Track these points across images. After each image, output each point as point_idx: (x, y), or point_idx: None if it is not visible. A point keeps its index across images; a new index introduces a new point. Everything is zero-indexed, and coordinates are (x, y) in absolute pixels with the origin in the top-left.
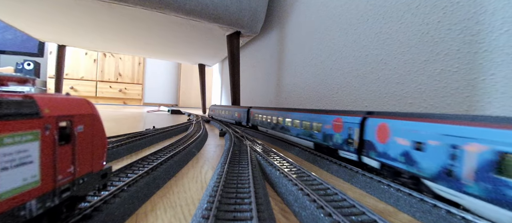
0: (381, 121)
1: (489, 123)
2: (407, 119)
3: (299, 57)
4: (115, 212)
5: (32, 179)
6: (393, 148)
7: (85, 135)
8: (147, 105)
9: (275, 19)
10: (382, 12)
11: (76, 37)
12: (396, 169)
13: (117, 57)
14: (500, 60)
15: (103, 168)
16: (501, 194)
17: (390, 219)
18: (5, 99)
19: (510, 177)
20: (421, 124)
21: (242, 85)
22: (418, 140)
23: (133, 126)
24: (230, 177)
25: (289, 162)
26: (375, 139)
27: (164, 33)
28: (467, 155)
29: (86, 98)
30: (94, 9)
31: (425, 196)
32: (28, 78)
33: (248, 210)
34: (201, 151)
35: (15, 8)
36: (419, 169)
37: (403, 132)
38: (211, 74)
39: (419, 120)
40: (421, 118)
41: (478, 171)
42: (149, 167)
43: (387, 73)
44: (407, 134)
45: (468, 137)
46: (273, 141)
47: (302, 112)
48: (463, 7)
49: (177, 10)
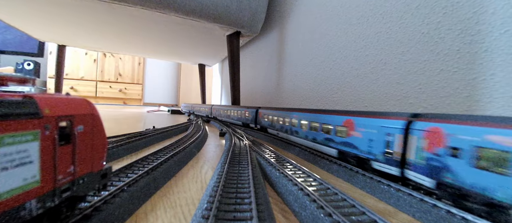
0: (434, 125)
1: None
2: (471, 123)
3: (299, 57)
4: (115, 212)
5: (32, 179)
6: (458, 161)
7: (85, 135)
8: (147, 105)
9: (275, 19)
10: (382, 12)
11: (76, 37)
12: (463, 191)
13: (117, 57)
14: (500, 60)
15: (103, 168)
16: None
17: (390, 219)
18: (5, 99)
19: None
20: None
21: (242, 85)
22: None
23: (133, 126)
24: (230, 177)
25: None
26: (427, 149)
27: (164, 33)
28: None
29: (86, 98)
30: (94, 9)
31: (424, 196)
32: (28, 78)
33: (248, 210)
34: (201, 151)
35: (15, 8)
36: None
37: (472, 141)
38: (211, 74)
39: (484, 125)
40: (486, 123)
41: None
42: (149, 167)
43: (387, 73)
44: (480, 143)
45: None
46: (286, 146)
47: (322, 113)
48: (463, 7)
49: (177, 10)
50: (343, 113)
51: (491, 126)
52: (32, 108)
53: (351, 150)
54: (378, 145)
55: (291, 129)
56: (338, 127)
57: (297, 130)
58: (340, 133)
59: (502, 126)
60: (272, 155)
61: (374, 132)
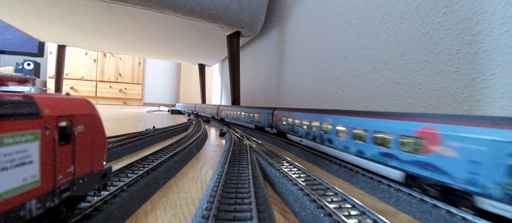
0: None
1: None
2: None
3: (299, 57)
4: (115, 212)
5: (32, 179)
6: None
7: (85, 135)
8: (147, 105)
9: (275, 19)
10: (382, 12)
11: (76, 37)
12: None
13: (117, 57)
14: (500, 60)
15: (103, 168)
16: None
17: (390, 219)
18: (5, 99)
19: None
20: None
21: (242, 85)
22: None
23: (133, 126)
24: (230, 177)
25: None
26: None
27: (164, 33)
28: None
29: (86, 98)
30: (94, 9)
31: (424, 196)
32: (28, 78)
33: (248, 210)
34: (201, 151)
35: (15, 8)
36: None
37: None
38: (211, 74)
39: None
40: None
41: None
42: (149, 167)
43: (387, 73)
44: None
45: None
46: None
47: (371, 117)
48: (463, 7)
49: (177, 10)
50: (415, 118)
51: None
52: (32, 108)
53: (433, 174)
54: (490, 171)
55: (321, 137)
56: (406, 138)
57: (331, 137)
58: (411, 146)
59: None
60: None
61: (483, 149)
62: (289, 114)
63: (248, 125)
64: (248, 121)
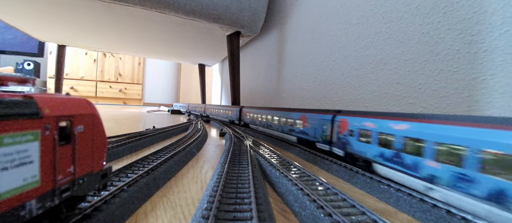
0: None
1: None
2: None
3: (299, 57)
4: (115, 212)
5: (32, 179)
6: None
7: (85, 135)
8: (147, 105)
9: (275, 19)
10: (382, 12)
11: (76, 37)
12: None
13: (117, 57)
14: (500, 60)
15: (103, 168)
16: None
17: (390, 219)
18: (5, 99)
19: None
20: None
21: (242, 85)
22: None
23: (133, 126)
24: (230, 177)
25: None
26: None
27: (164, 33)
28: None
29: (86, 98)
30: (94, 9)
31: (424, 196)
32: (28, 78)
33: (248, 210)
34: (201, 151)
35: (15, 8)
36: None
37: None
38: (211, 74)
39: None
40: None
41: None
42: (149, 167)
43: (387, 73)
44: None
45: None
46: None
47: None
48: (463, 7)
49: (177, 10)
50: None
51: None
52: (32, 108)
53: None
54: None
55: (267, 124)
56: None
57: (271, 124)
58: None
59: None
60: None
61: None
62: (251, 110)
63: (225, 119)
64: (224, 116)
